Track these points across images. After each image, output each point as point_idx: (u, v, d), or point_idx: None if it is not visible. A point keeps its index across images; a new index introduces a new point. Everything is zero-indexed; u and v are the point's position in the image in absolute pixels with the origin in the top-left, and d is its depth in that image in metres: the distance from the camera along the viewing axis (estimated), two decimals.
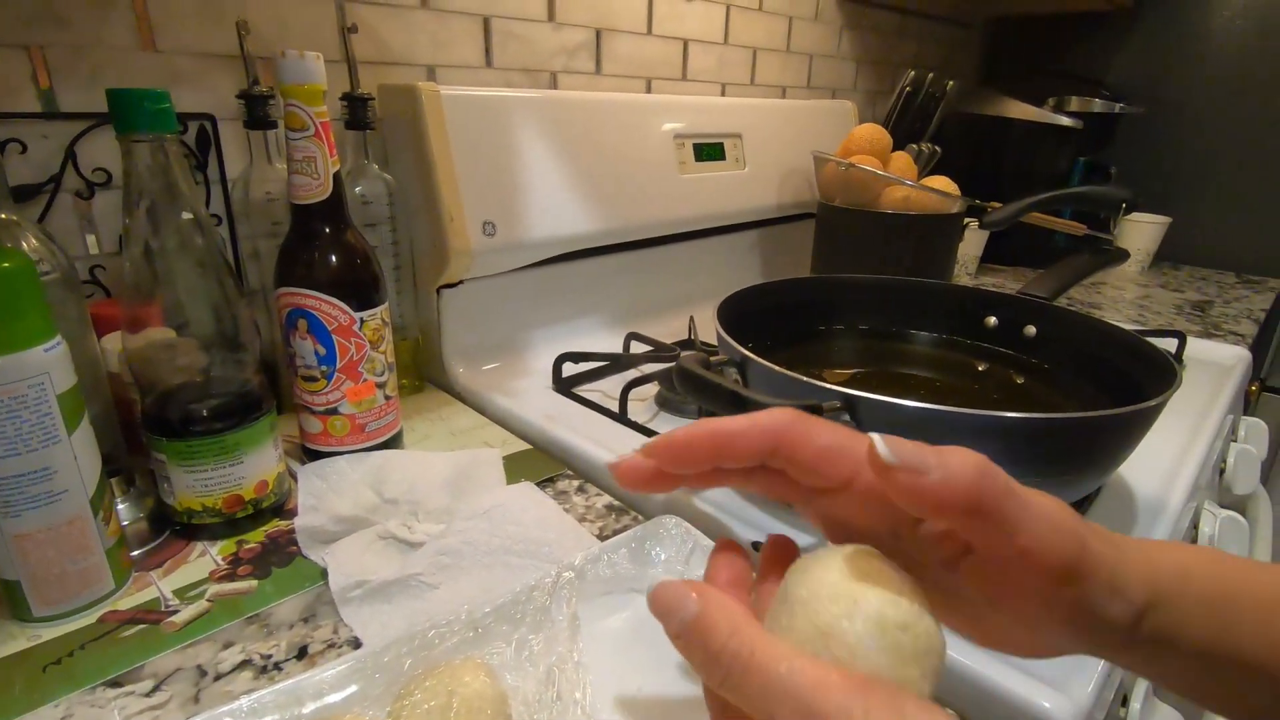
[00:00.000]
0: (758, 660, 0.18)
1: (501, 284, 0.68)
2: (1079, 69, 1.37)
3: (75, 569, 0.36)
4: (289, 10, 0.57)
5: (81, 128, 0.50)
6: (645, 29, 0.85)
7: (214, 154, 0.56)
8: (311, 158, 0.45)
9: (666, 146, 0.78)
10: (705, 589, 0.21)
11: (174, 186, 0.39)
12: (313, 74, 0.43)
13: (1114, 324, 0.54)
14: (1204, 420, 0.63)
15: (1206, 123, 1.27)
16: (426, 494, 0.46)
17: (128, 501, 0.43)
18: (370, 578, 0.38)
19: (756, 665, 0.18)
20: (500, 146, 0.64)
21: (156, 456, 0.42)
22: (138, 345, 0.40)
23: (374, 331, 0.49)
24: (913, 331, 0.64)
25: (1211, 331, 0.91)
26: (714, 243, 0.89)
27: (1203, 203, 1.30)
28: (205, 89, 0.55)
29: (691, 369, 0.40)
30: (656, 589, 0.21)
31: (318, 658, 0.35)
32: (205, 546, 0.43)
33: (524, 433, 0.59)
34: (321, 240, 0.46)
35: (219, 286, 0.42)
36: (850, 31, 1.16)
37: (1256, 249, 1.27)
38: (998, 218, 0.81)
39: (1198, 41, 1.26)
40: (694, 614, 0.20)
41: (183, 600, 0.38)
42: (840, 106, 1.05)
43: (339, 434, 0.49)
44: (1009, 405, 0.53)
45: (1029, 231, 1.04)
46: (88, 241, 0.52)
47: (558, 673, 0.32)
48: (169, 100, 0.38)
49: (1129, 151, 1.33)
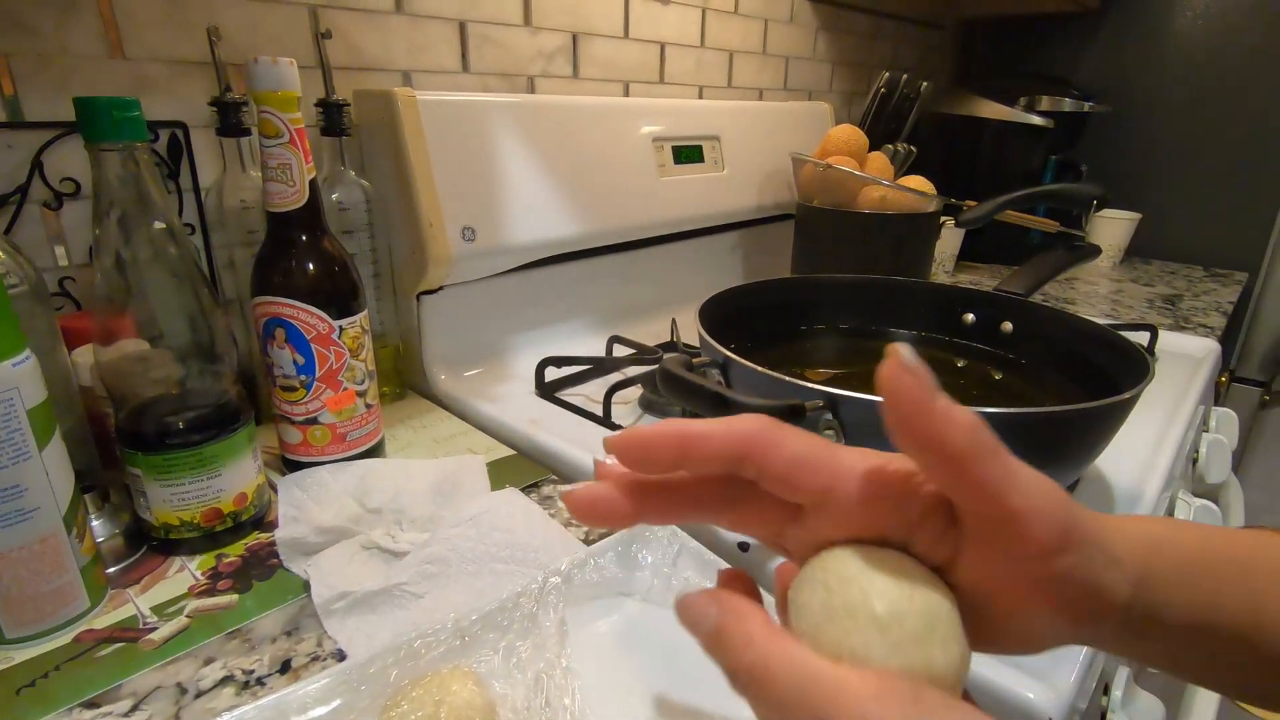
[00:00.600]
0: (772, 672, 0.18)
1: (482, 289, 0.68)
2: (1048, 69, 1.40)
3: (49, 588, 0.35)
4: (260, 16, 0.57)
5: (48, 137, 0.49)
6: (622, 32, 0.85)
7: (186, 162, 0.55)
8: (287, 165, 0.44)
9: (645, 149, 0.78)
10: (724, 598, 0.20)
11: (145, 196, 0.38)
12: (286, 80, 0.43)
13: (1088, 319, 0.55)
14: (1177, 411, 0.65)
15: (1172, 120, 1.30)
16: (410, 502, 0.46)
17: (102, 518, 0.42)
18: (354, 588, 0.38)
19: (771, 677, 0.18)
20: (479, 151, 0.64)
21: (132, 471, 0.41)
22: (110, 358, 0.39)
23: (353, 339, 0.48)
24: (893, 329, 0.65)
25: (1182, 324, 0.93)
26: (694, 245, 0.90)
27: (1171, 198, 1.33)
28: (176, 96, 0.54)
29: (674, 371, 0.41)
30: (679, 603, 0.21)
31: (302, 671, 0.34)
32: (184, 561, 0.42)
33: (507, 438, 0.58)
34: (298, 248, 0.46)
35: (194, 296, 0.41)
36: (825, 33, 1.17)
37: (1223, 243, 1.31)
38: (973, 216, 0.82)
39: (1161, 41, 1.29)
40: (712, 626, 0.19)
41: (161, 617, 0.38)
42: (817, 108, 1.06)
43: (319, 444, 0.49)
44: (988, 400, 0.54)
45: (1004, 229, 1.06)
46: (56, 253, 0.51)
47: (546, 679, 0.32)
48: (139, 108, 0.37)
49: (1098, 150, 1.36)
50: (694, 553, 0.40)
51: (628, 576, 0.40)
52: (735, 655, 0.19)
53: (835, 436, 0.39)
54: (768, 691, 0.18)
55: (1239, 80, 1.23)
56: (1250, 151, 1.24)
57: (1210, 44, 1.25)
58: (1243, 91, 1.23)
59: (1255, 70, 1.21)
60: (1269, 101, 1.21)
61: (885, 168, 0.88)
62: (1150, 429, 0.60)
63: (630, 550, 0.40)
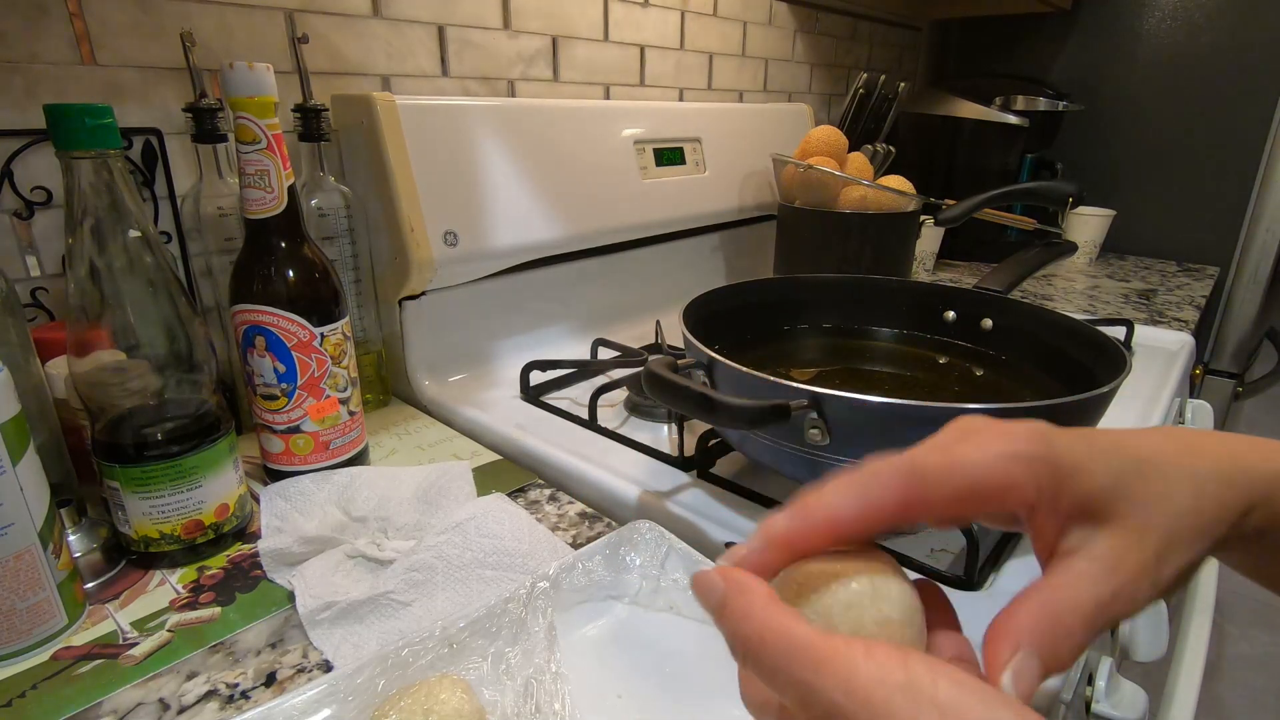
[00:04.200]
0: (767, 641, 0.19)
1: (465, 294, 0.67)
2: (1023, 69, 1.42)
3: (24, 606, 0.35)
4: (236, 21, 0.56)
5: (18, 145, 0.48)
6: (602, 35, 0.85)
7: (161, 169, 0.54)
8: (264, 171, 0.44)
9: (627, 152, 0.79)
10: (731, 574, 0.21)
11: (119, 204, 0.38)
12: (263, 85, 0.42)
13: (1066, 314, 0.55)
14: (1153, 404, 0.66)
15: (1144, 119, 1.33)
16: (396, 510, 0.45)
17: (79, 532, 0.42)
18: (340, 598, 0.37)
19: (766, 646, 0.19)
20: (460, 156, 0.63)
21: (109, 484, 0.40)
22: (85, 369, 0.39)
23: (335, 346, 0.48)
24: (875, 328, 0.66)
25: (1156, 319, 0.95)
26: (677, 246, 0.90)
27: (1144, 195, 1.36)
28: (150, 103, 0.53)
29: (659, 373, 0.41)
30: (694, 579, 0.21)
31: (287, 683, 0.34)
32: (164, 575, 0.42)
33: (493, 443, 0.58)
34: (277, 255, 0.45)
35: (171, 305, 0.40)
36: (803, 36, 1.18)
37: (1195, 238, 1.33)
38: (952, 214, 0.83)
39: (1132, 41, 1.31)
40: (719, 599, 0.20)
41: (142, 632, 0.37)
42: (796, 109, 1.06)
43: (302, 452, 0.48)
44: (970, 397, 0.55)
45: (982, 227, 1.07)
46: (28, 263, 0.50)
47: (536, 685, 0.32)
48: (111, 115, 0.36)
49: (1073, 148, 1.38)
50: (682, 554, 0.40)
51: (616, 579, 0.40)
52: (735, 626, 0.20)
53: (821, 435, 0.39)
54: (762, 658, 0.19)
55: (1205, 79, 1.26)
56: (1219, 149, 1.27)
57: (1177, 44, 1.27)
58: (1210, 90, 1.26)
59: (1220, 69, 1.24)
60: (1235, 100, 1.24)
61: (865, 168, 0.89)
62: (1128, 421, 0.61)
63: (618, 553, 0.40)
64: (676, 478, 0.51)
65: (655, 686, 0.34)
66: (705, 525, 0.46)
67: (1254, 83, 1.21)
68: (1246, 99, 1.23)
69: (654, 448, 0.55)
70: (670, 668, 0.35)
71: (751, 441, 0.46)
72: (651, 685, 0.34)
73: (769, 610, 0.19)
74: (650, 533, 0.41)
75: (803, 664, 0.18)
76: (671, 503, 0.48)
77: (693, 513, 0.47)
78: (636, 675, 0.34)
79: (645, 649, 0.36)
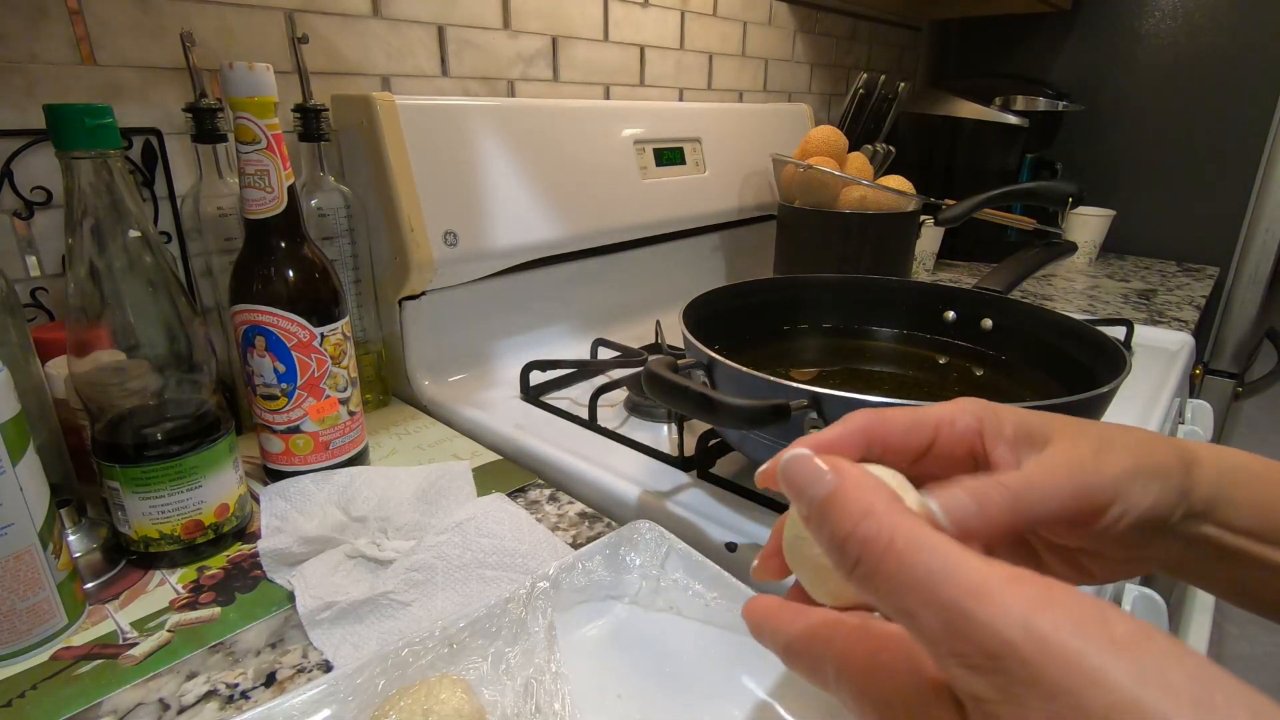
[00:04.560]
0: (898, 548, 0.16)
1: (465, 294, 0.67)
2: (1022, 69, 1.42)
3: (24, 606, 0.35)
4: (236, 21, 0.56)
5: (18, 145, 0.48)
6: (602, 35, 0.85)
7: (161, 169, 0.54)
8: (264, 171, 0.44)
9: (627, 152, 0.79)
10: (844, 465, 0.18)
11: (119, 204, 0.38)
12: (263, 85, 0.42)
13: (1066, 314, 0.55)
14: (1153, 404, 0.66)
15: (1144, 119, 1.33)
16: (395, 510, 0.45)
17: (79, 533, 0.42)
18: (340, 598, 0.37)
19: (896, 552, 0.16)
20: (460, 156, 0.63)
21: (109, 484, 0.40)
22: (85, 369, 0.39)
23: (335, 346, 0.48)
24: (875, 328, 0.66)
25: (1156, 319, 0.95)
26: (677, 246, 0.90)
27: (1144, 195, 1.36)
28: (150, 103, 0.53)
29: (659, 373, 0.41)
30: (789, 462, 0.19)
31: (287, 684, 0.34)
32: (164, 575, 0.42)
33: (493, 443, 0.58)
34: (277, 255, 0.45)
35: (171, 305, 0.40)
36: (803, 35, 1.18)
37: (1195, 238, 1.33)
38: (952, 214, 0.83)
39: (1132, 41, 1.31)
40: (827, 491, 0.18)
41: (142, 632, 0.37)
42: (796, 109, 1.06)
43: (302, 453, 0.48)
44: (970, 396, 0.55)
45: (982, 227, 1.07)
46: (28, 263, 0.50)
47: (535, 685, 0.32)
48: (111, 115, 0.36)
49: (1073, 148, 1.38)
50: (682, 554, 0.40)
51: (616, 580, 0.40)
52: (850, 523, 0.17)
53: None
54: (886, 566, 0.16)
55: (1205, 79, 1.26)
56: (1219, 149, 1.27)
57: (1177, 44, 1.27)
58: (1210, 90, 1.26)
59: (1220, 69, 1.24)
60: (1235, 100, 1.24)
61: (865, 168, 0.89)
62: (1128, 421, 0.61)
63: (618, 553, 0.40)
64: (676, 478, 0.51)
65: (655, 686, 0.34)
66: (705, 525, 0.46)
67: (1254, 83, 1.21)
68: (1246, 99, 1.23)
69: (654, 448, 0.55)
70: (670, 668, 0.35)
71: (751, 441, 0.46)
72: (651, 685, 0.34)
73: (896, 511, 0.16)
74: (650, 533, 0.41)
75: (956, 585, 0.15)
76: (671, 503, 0.48)
77: (693, 513, 0.47)
78: (636, 675, 0.34)
79: (645, 649, 0.36)
